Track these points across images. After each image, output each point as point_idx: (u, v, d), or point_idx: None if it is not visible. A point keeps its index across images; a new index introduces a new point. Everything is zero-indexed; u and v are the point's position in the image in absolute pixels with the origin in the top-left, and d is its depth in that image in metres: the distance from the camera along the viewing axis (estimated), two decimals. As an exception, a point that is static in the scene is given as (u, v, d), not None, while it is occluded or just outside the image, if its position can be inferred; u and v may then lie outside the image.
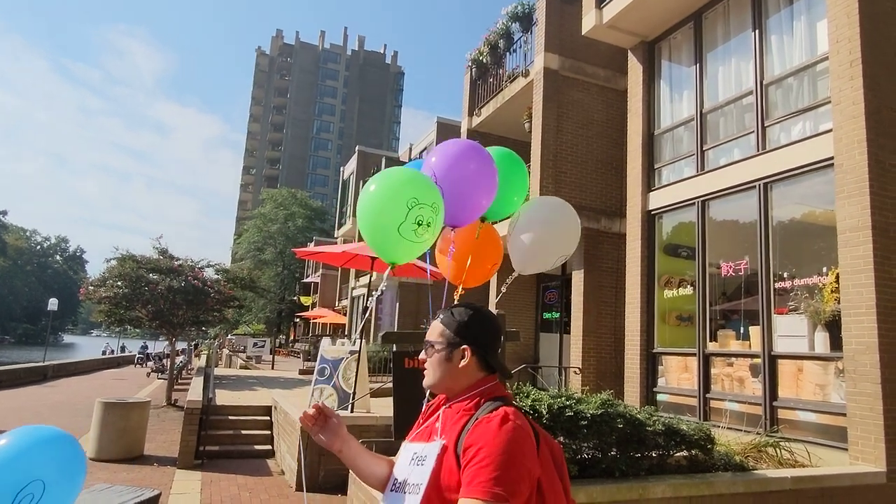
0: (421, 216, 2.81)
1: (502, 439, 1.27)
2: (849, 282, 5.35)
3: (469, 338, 1.50)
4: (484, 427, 1.31)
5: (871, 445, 4.96)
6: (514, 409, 1.39)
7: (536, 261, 3.89)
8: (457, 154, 3.28)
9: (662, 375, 7.76)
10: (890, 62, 5.69)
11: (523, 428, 1.32)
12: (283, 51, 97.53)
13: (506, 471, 1.23)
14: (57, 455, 2.11)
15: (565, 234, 3.83)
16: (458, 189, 3.22)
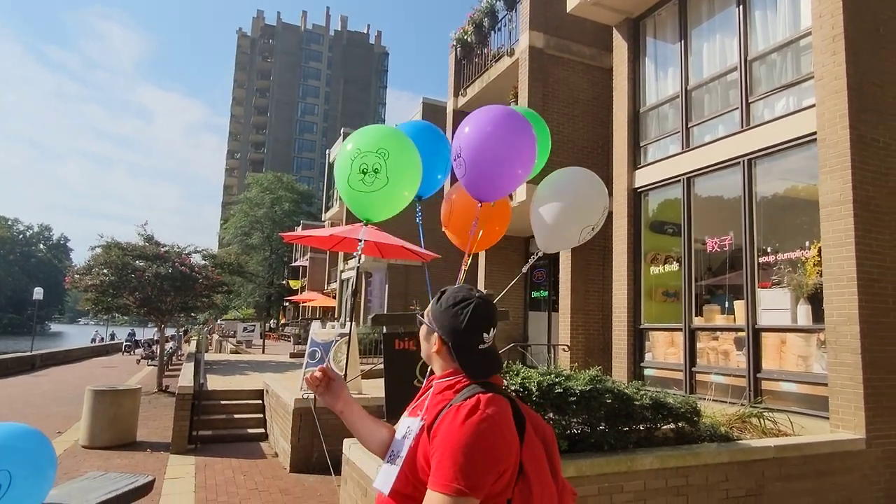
0: (364, 164, 2.91)
1: (466, 432, 1.26)
2: (830, 255, 5.45)
3: (440, 328, 1.47)
4: (451, 417, 1.31)
5: (851, 413, 5.10)
6: (493, 395, 1.35)
7: (560, 237, 3.63)
8: (483, 131, 3.05)
9: (649, 351, 7.89)
10: (871, 36, 5.72)
11: (493, 418, 1.29)
12: (265, 32, 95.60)
13: (468, 464, 1.22)
14: (25, 449, 2.13)
15: (588, 203, 3.52)
16: (487, 169, 3.05)
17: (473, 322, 1.43)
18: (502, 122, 3.07)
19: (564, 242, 3.69)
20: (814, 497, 4.61)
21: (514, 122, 3.09)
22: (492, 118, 3.09)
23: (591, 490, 3.74)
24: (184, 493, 5.68)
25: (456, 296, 1.48)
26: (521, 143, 3.08)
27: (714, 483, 4.18)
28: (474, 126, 3.08)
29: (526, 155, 3.12)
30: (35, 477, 2.11)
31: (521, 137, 3.08)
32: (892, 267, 5.44)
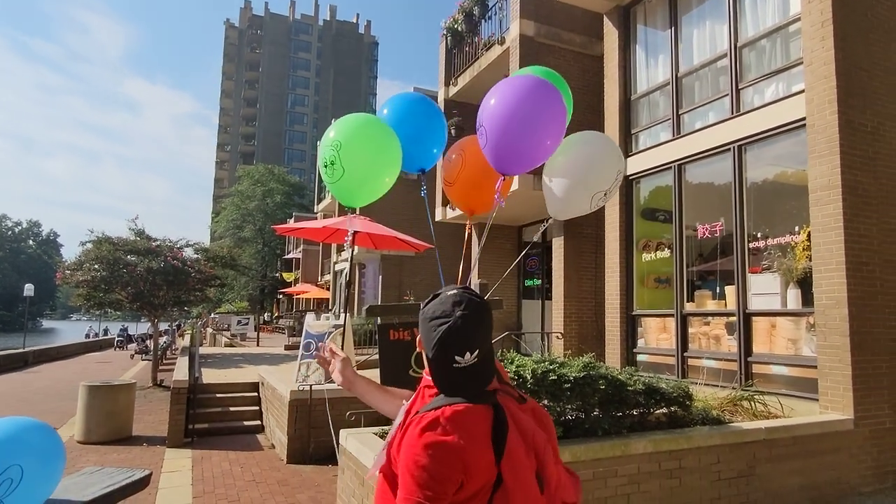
0: (325, 158, 3.02)
1: (420, 447, 1.27)
2: (820, 239, 5.51)
3: (421, 334, 1.42)
4: (412, 429, 1.33)
5: (839, 395, 5.19)
6: (461, 409, 1.31)
7: (572, 204, 3.45)
8: (510, 101, 2.92)
9: (642, 337, 7.96)
10: (860, 22, 5.75)
11: (450, 433, 1.27)
12: (253, 23, 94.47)
13: (423, 479, 1.25)
14: (35, 443, 2.14)
15: (600, 167, 3.32)
16: (512, 141, 2.94)
17: (444, 343, 1.34)
18: (531, 91, 2.93)
19: (576, 209, 3.49)
20: (803, 477, 4.70)
21: (544, 91, 2.94)
22: (519, 87, 2.95)
23: (586, 475, 3.79)
24: (181, 486, 5.70)
25: (438, 308, 1.38)
26: (550, 115, 2.93)
27: (706, 465, 4.25)
28: (500, 95, 2.97)
29: (556, 125, 2.97)
30: (45, 468, 2.12)
31: (552, 108, 2.92)
32: (880, 250, 5.51)
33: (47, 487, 2.16)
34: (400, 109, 3.50)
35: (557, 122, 2.99)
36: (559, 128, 3.02)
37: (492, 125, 2.97)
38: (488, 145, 3.03)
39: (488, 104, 3.01)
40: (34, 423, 2.25)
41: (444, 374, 1.37)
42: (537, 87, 2.98)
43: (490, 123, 2.97)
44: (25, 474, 2.03)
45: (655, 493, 4.04)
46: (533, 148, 2.98)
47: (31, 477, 2.04)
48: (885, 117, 5.78)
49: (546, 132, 2.98)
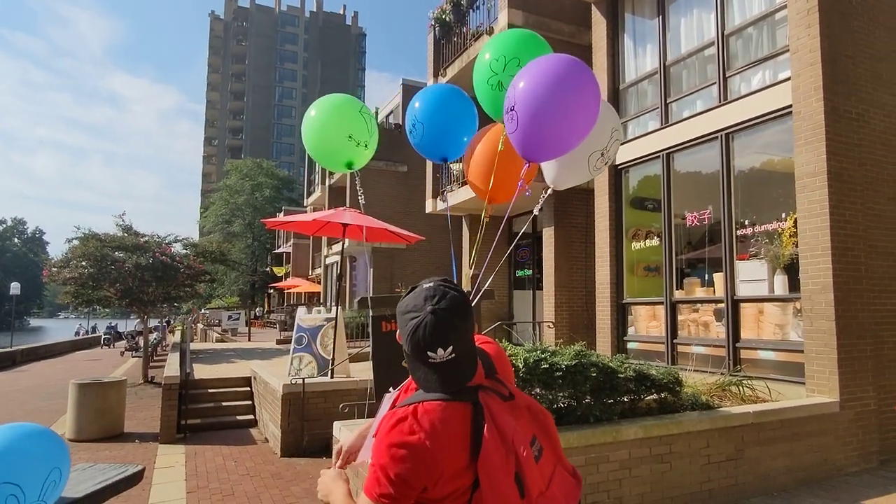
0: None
1: (390, 444, 1.24)
2: (806, 226, 5.57)
3: (399, 328, 1.35)
4: (385, 424, 1.30)
5: (825, 378, 5.28)
6: (441, 404, 1.27)
7: (569, 168, 3.29)
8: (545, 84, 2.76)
9: (632, 325, 8.03)
10: (844, 10, 5.79)
11: (420, 431, 1.23)
12: (238, 14, 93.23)
13: (388, 477, 1.23)
14: (38, 453, 2.12)
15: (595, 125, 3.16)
16: (545, 129, 2.78)
17: (416, 339, 1.27)
18: (566, 75, 2.76)
19: (574, 174, 3.32)
20: (791, 459, 4.79)
21: (579, 74, 2.74)
22: (555, 69, 2.77)
23: (578, 461, 3.83)
24: (175, 481, 5.69)
25: (409, 303, 1.33)
26: (585, 100, 2.76)
27: (696, 449, 4.32)
28: (533, 77, 2.79)
29: (589, 112, 2.80)
30: (52, 480, 2.12)
31: (586, 92, 2.75)
32: (864, 236, 5.58)
33: (55, 492, 2.15)
34: (437, 101, 3.49)
35: (592, 106, 2.80)
36: (594, 110, 2.82)
37: (524, 109, 2.77)
38: (518, 132, 2.87)
39: (518, 85, 2.84)
40: (41, 432, 2.22)
41: (419, 369, 1.31)
42: (571, 68, 2.80)
43: (523, 108, 2.80)
44: (27, 494, 2.02)
45: (646, 477, 4.10)
46: (568, 132, 2.80)
47: (34, 491, 2.04)
48: (869, 104, 5.84)
49: (582, 116, 2.79)
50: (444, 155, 3.68)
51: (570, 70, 2.81)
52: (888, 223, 5.85)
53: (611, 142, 3.22)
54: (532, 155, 2.95)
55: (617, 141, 3.25)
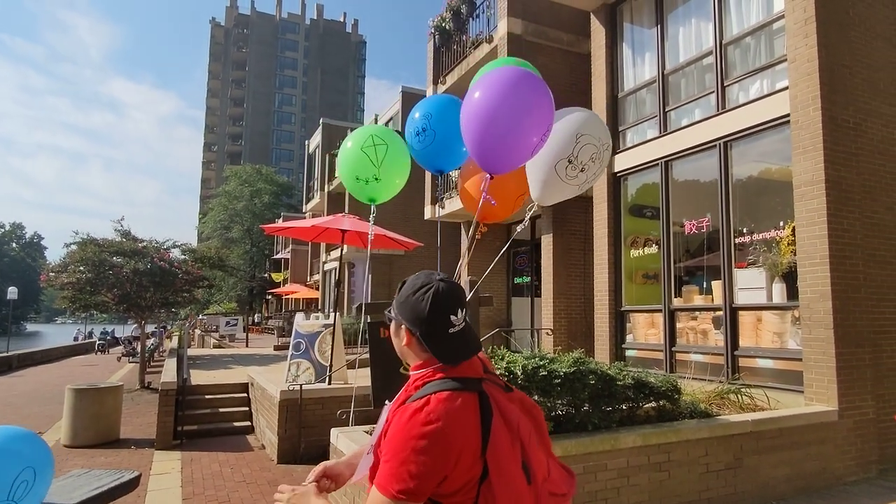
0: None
1: (406, 436, 1.23)
2: (804, 234, 5.59)
3: (405, 318, 1.40)
4: (399, 417, 1.29)
5: (824, 387, 5.27)
6: (451, 394, 1.29)
7: (541, 181, 3.24)
8: (489, 97, 2.76)
9: (631, 332, 8.02)
10: (842, 19, 5.83)
11: (436, 421, 1.24)
12: (239, 21, 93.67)
13: (407, 469, 1.21)
14: (23, 453, 2.12)
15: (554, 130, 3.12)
16: (492, 141, 2.79)
17: (437, 305, 1.35)
18: (512, 86, 2.76)
19: (551, 187, 3.21)
20: (789, 468, 4.77)
21: (526, 84, 2.74)
22: (498, 82, 2.77)
23: (576, 469, 3.81)
24: (170, 487, 5.65)
25: (415, 283, 1.41)
26: (536, 109, 2.74)
27: (694, 458, 4.30)
28: (480, 91, 2.80)
29: (542, 120, 2.78)
30: (34, 483, 2.11)
31: (537, 102, 2.74)
32: (862, 244, 5.60)
33: (30, 495, 2.14)
34: (437, 109, 3.52)
35: (544, 117, 2.85)
36: (546, 122, 2.90)
37: (469, 126, 2.83)
38: (471, 146, 2.92)
39: (469, 98, 2.91)
40: (16, 431, 2.22)
41: (441, 342, 1.37)
42: (519, 81, 2.79)
43: (467, 124, 2.85)
44: (38, 476, 2.01)
45: (645, 486, 4.08)
46: (518, 146, 2.82)
47: (41, 479, 2.03)
48: (866, 114, 5.87)
49: (531, 128, 2.82)
50: (441, 167, 3.70)
51: (505, 77, 2.79)
52: (886, 232, 5.87)
53: (578, 147, 3.12)
54: (488, 166, 2.94)
55: (589, 146, 3.15)
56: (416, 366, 1.43)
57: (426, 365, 1.40)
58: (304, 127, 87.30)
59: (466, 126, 2.89)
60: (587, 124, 3.26)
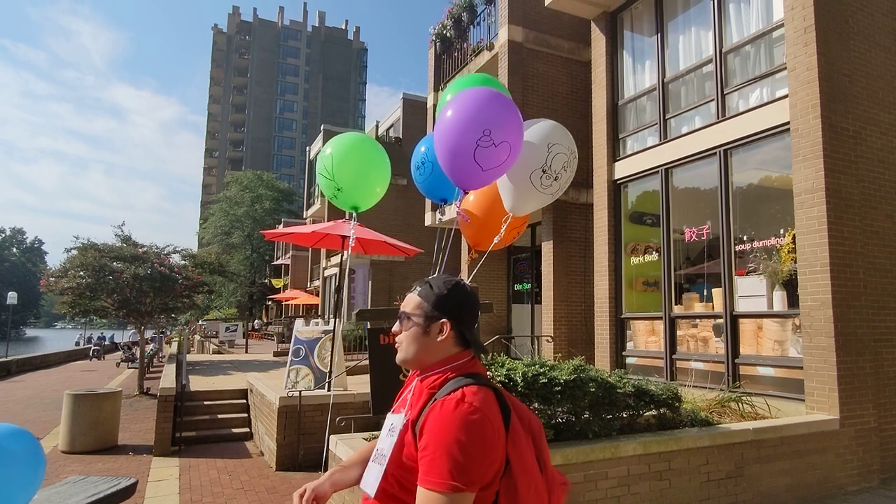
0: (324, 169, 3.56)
1: (456, 426, 1.24)
2: (804, 242, 5.58)
3: (448, 311, 1.45)
4: (438, 412, 1.28)
5: (825, 395, 5.25)
6: (479, 387, 1.34)
7: (514, 191, 3.31)
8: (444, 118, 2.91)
9: (631, 339, 8.00)
10: (841, 28, 5.86)
11: (480, 410, 1.27)
12: (241, 28, 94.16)
13: (461, 459, 1.21)
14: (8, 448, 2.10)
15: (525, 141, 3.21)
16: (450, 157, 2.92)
17: (475, 297, 1.52)
18: (481, 106, 2.89)
19: (525, 197, 3.30)
20: (791, 477, 4.74)
21: (495, 106, 2.86)
22: (465, 102, 2.91)
23: (576, 477, 3.80)
24: (168, 495, 5.62)
25: (447, 281, 1.50)
26: (504, 129, 2.86)
27: (695, 466, 4.28)
28: (450, 111, 2.95)
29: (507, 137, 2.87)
30: (20, 476, 2.09)
31: (506, 122, 2.84)
32: (862, 252, 5.59)
33: (24, 495, 2.12)
34: (429, 144, 3.56)
35: (512, 138, 2.90)
36: (515, 142, 2.94)
37: (439, 147, 2.93)
38: (445, 169, 3.02)
39: (438, 121, 2.98)
40: (12, 428, 2.21)
41: (475, 332, 1.50)
42: (488, 102, 2.88)
43: (439, 149, 2.94)
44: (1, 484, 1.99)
45: (645, 494, 4.06)
46: (490, 164, 2.91)
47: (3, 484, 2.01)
48: (866, 121, 5.88)
49: (501, 147, 2.90)
50: (444, 196, 3.73)
51: (488, 98, 2.90)
52: (886, 240, 5.86)
53: (550, 157, 3.20)
54: (464, 184, 3.05)
55: (560, 155, 3.23)
56: (440, 363, 1.44)
57: (452, 361, 1.43)
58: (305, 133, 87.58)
59: (437, 146, 2.97)
60: (555, 134, 3.37)
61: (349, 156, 4.59)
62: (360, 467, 1.57)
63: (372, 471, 1.42)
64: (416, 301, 1.49)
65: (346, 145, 4.65)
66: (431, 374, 1.45)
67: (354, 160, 4.61)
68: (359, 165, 4.63)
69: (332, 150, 4.63)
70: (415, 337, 1.47)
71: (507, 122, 2.89)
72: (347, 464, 1.61)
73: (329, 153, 4.60)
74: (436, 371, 1.44)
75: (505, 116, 2.90)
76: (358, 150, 4.61)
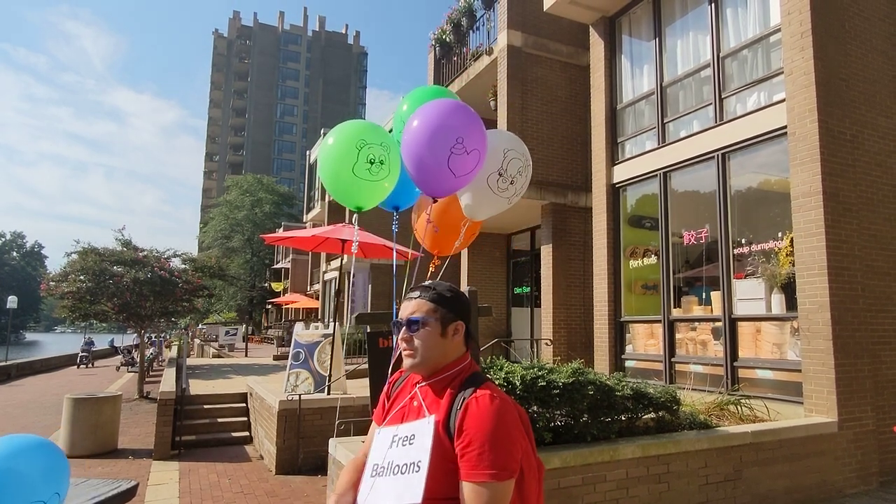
0: (371, 155, 3.12)
1: (496, 421, 1.33)
2: (802, 245, 5.60)
3: (459, 313, 1.55)
4: (475, 410, 1.36)
5: (823, 398, 5.26)
6: (492, 384, 1.46)
7: (470, 195, 3.43)
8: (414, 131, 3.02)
9: (630, 343, 8.02)
10: (838, 33, 5.89)
11: (508, 402, 1.40)
12: (242, 33, 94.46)
13: (504, 450, 1.31)
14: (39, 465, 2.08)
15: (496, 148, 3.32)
16: (415, 165, 3.06)
17: (470, 301, 1.63)
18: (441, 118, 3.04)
19: (483, 200, 3.39)
20: (789, 480, 4.75)
21: (457, 118, 3.00)
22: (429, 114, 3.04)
23: (575, 480, 3.81)
24: (168, 498, 5.63)
25: (448, 285, 1.61)
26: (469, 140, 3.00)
27: (694, 469, 4.29)
28: (414, 121, 3.09)
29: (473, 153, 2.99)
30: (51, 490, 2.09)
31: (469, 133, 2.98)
32: (860, 255, 5.61)
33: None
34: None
35: (481, 146, 3.04)
36: (482, 150, 3.06)
37: (414, 157, 3.05)
38: (415, 177, 3.17)
39: (408, 134, 3.09)
40: (34, 441, 2.18)
41: (471, 335, 1.61)
42: (457, 112, 3.01)
43: (412, 157, 3.06)
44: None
45: (644, 497, 4.07)
46: (452, 174, 3.04)
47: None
48: (863, 125, 5.91)
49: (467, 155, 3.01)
50: (397, 204, 3.69)
51: (456, 107, 3.06)
52: (884, 243, 5.88)
53: (506, 161, 3.35)
54: (436, 191, 3.15)
55: (515, 160, 3.38)
56: (452, 363, 1.52)
57: (459, 363, 1.53)
58: (305, 137, 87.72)
59: (408, 154, 3.12)
60: (510, 140, 3.51)
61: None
62: (352, 492, 1.53)
63: (401, 484, 1.36)
64: (429, 306, 1.52)
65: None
66: (439, 377, 1.49)
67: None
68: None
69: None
70: (434, 341, 1.49)
71: (475, 131, 3.07)
72: (341, 491, 1.56)
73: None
74: (444, 374, 1.50)
75: (474, 125, 3.06)
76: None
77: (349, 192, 3.29)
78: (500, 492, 1.28)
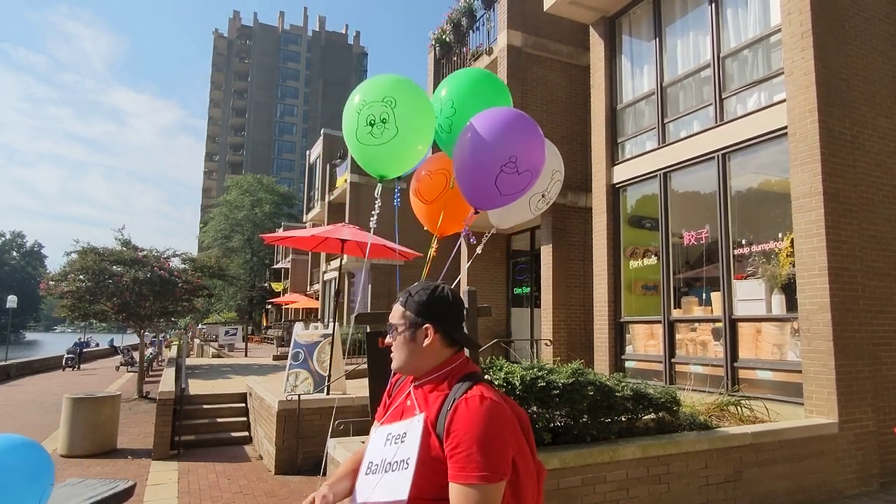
0: (371, 115, 2.74)
1: (485, 422, 1.31)
2: (802, 246, 5.59)
3: (430, 316, 1.49)
4: (463, 411, 1.33)
5: (824, 399, 5.25)
6: (486, 384, 1.42)
7: (510, 210, 3.31)
8: (476, 144, 2.77)
9: (630, 343, 8.00)
10: (838, 33, 5.88)
11: (499, 404, 1.36)
12: (242, 33, 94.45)
13: (494, 452, 1.29)
14: (17, 464, 2.06)
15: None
16: (479, 180, 2.84)
17: (457, 298, 1.55)
18: (505, 129, 2.81)
19: (516, 215, 3.36)
20: (790, 481, 4.74)
21: (520, 128, 2.80)
22: (492, 125, 2.83)
23: (574, 481, 3.80)
24: (167, 498, 5.62)
25: (427, 287, 1.55)
26: (528, 155, 2.79)
27: (694, 470, 4.28)
28: (472, 131, 2.86)
29: (531, 166, 2.80)
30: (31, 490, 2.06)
31: (529, 146, 2.79)
32: (860, 256, 5.60)
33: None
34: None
35: (536, 167, 2.85)
36: (537, 170, 2.90)
37: (461, 168, 2.82)
38: (461, 187, 2.97)
39: (460, 142, 2.87)
40: (16, 440, 2.18)
41: (461, 331, 1.55)
42: (513, 123, 2.80)
43: (460, 167, 2.83)
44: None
45: (644, 498, 4.06)
46: (514, 186, 2.89)
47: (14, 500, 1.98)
48: (863, 126, 5.90)
49: (522, 176, 2.85)
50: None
51: (516, 122, 2.84)
52: (885, 244, 5.88)
53: (551, 183, 3.30)
54: (479, 205, 3.01)
55: (558, 182, 3.35)
56: (436, 367, 1.49)
57: (448, 364, 1.48)
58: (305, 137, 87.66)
59: (458, 162, 2.92)
60: (558, 161, 3.41)
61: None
62: (348, 479, 1.60)
63: (388, 482, 1.39)
64: (399, 311, 1.54)
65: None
66: (429, 379, 1.48)
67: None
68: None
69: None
70: (404, 345, 1.51)
71: (532, 151, 2.83)
72: (336, 478, 1.63)
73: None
74: (434, 376, 1.48)
75: (532, 143, 2.82)
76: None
77: (363, 162, 2.95)
78: (489, 494, 1.26)
